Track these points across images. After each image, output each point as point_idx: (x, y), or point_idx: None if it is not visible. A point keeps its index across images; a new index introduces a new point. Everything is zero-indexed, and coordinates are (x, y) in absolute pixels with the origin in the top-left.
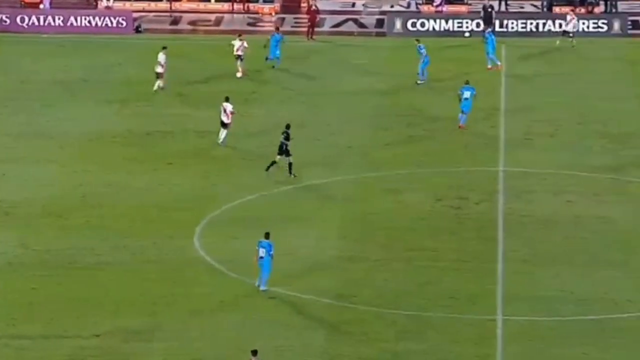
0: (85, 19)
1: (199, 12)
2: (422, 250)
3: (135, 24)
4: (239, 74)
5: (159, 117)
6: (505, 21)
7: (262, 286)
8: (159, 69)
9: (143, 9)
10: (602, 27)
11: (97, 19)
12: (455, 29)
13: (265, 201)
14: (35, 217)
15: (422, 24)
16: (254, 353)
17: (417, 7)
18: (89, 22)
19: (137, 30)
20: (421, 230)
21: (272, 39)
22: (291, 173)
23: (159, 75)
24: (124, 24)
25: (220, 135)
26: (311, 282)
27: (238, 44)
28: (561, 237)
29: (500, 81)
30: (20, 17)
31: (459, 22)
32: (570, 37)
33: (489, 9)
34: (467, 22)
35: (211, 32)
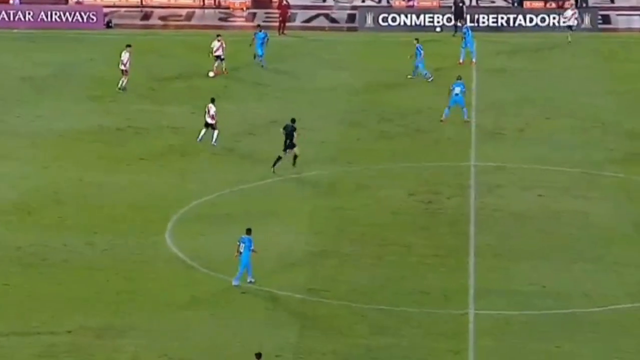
0: (55, 14)
1: (170, 7)
2: (394, 245)
3: (106, 19)
4: (211, 74)
5: (130, 113)
6: (476, 16)
7: (235, 281)
8: (122, 67)
9: (114, 4)
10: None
11: (67, 14)
12: (427, 23)
13: (237, 197)
14: (5, 214)
15: (394, 19)
16: (258, 356)
17: (388, 1)
18: (60, 17)
19: (108, 25)
20: (394, 225)
21: (256, 37)
22: (294, 165)
23: (124, 73)
24: (95, 19)
25: (200, 134)
26: (283, 278)
27: (217, 44)
28: (533, 231)
29: (471, 76)
30: None
31: (430, 17)
32: (571, 32)
33: (460, 4)
34: (438, 17)
35: (182, 27)
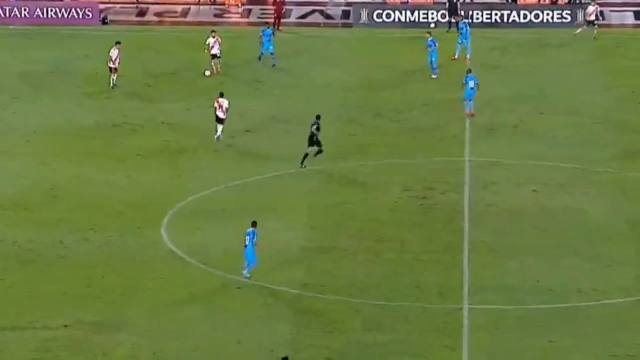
0: (51, 10)
1: (166, 3)
2: (389, 241)
3: (101, 16)
4: (207, 72)
5: (126, 109)
6: (471, 12)
7: (246, 273)
8: (111, 64)
9: (109, 1)
10: (566, 18)
11: (63, 10)
12: (421, 19)
13: (234, 193)
14: (2, 209)
15: (388, 15)
16: None
17: None
18: (56, 13)
19: (104, 21)
20: (389, 222)
21: (263, 35)
22: (302, 163)
23: (112, 71)
24: (91, 15)
25: (217, 131)
26: (280, 273)
27: (212, 40)
28: (528, 227)
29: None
30: None
31: (424, 13)
32: (594, 26)
33: (454, 0)
34: (432, 13)
35: (178, 23)
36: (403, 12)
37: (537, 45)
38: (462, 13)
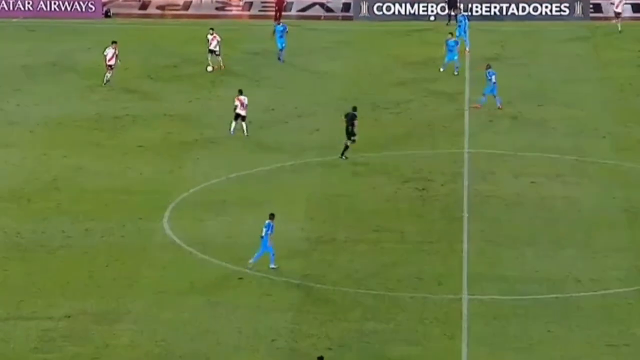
0: (54, 3)
1: None
2: (388, 232)
3: (104, 9)
4: (209, 68)
5: (127, 101)
6: (470, 5)
7: (252, 260)
8: (105, 62)
9: None
10: (564, 11)
11: (66, 3)
12: (421, 12)
13: (234, 184)
14: (5, 201)
15: (388, 8)
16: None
17: None
18: (59, 7)
19: (107, 15)
20: (387, 212)
21: (275, 31)
22: (342, 154)
23: (108, 68)
24: (93, 8)
25: (232, 128)
26: (280, 263)
27: (209, 37)
28: (525, 217)
29: (464, 64)
30: None
31: (424, 6)
32: (619, 19)
33: None
34: (432, 6)
35: (180, 16)
36: (403, 5)
37: (535, 37)
38: (461, 6)
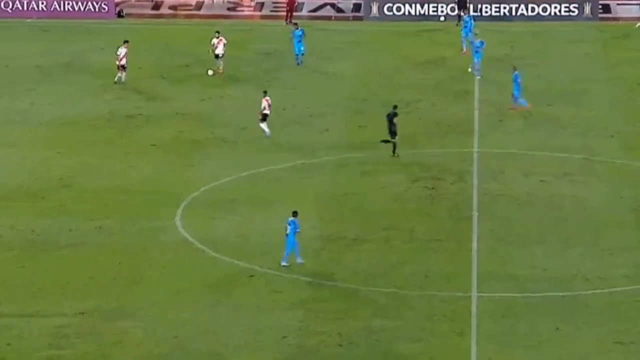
0: (68, 4)
1: None
2: (397, 230)
3: (117, 9)
4: (210, 72)
5: (140, 100)
6: (479, 5)
7: (283, 261)
8: (117, 62)
9: None
10: (573, 11)
11: (80, 4)
12: (431, 13)
13: (245, 183)
14: (19, 199)
15: (398, 9)
16: None
17: None
18: (72, 7)
19: (120, 15)
20: (398, 211)
21: (294, 36)
22: (394, 153)
23: (120, 68)
24: (106, 8)
25: (265, 129)
26: (289, 261)
27: (215, 41)
28: (535, 216)
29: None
30: (5, 2)
31: (434, 7)
32: None
33: None
34: (442, 7)
35: (192, 16)
36: (413, 5)
37: (545, 38)
38: (471, 7)
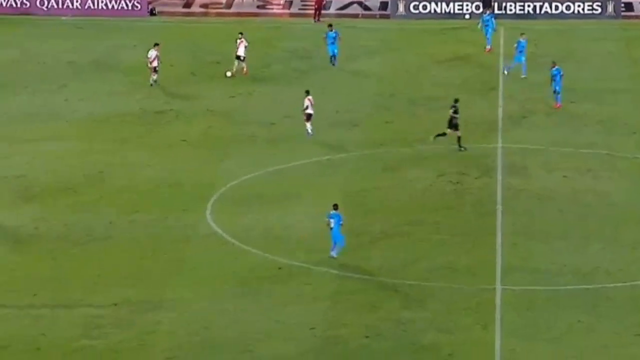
0: (102, 2)
1: None
2: (423, 224)
3: (149, 7)
4: (228, 73)
5: (171, 97)
6: (504, 3)
7: (334, 253)
8: (149, 64)
9: None
10: (596, 10)
11: (113, 2)
12: (456, 11)
13: (273, 177)
14: (52, 193)
15: (424, 7)
16: None
17: None
18: (106, 5)
19: (152, 13)
20: (423, 205)
21: (327, 37)
22: (460, 146)
23: (151, 70)
24: (139, 7)
25: (308, 129)
26: (317, 255)
27: (238, 42)
28: (557, 210)
29: (498, 62)
30: (40, 1)
31: (459, 5)
32: None
33: None
34: (467, 5)
35: (222, 14)
36: (439, 3)
37: (568, 36)
38: (495, 5)
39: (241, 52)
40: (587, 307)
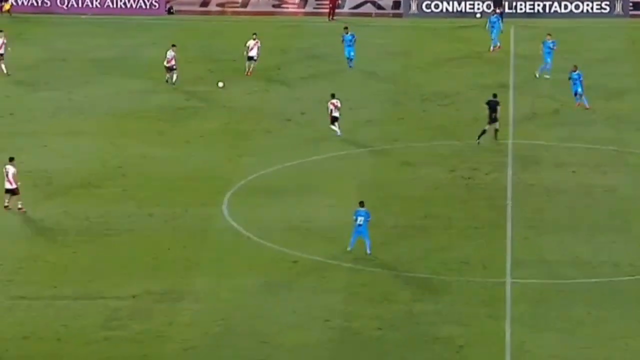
0: (120, 1)
1: None
2: (436, 218)
3: (167, 6)
4: (220, 84)
5: (189, 93)
6: (514, 2)
7: (369, 250)
8: (166, 64)
9: None
10: (604, 9)
11: (132, 1)
12: (467, 10)
13: (289, 172)
14: (74, 187)
15: (436, 6)
16: None
17: None
18: (125, 4)
19: (170, 11)
20: (435, 200)
21: (344, 40)
22: (496, 138)
23: (170, 69)
24: (157, 5)
25: (335, 129)
26: (332, 248)
27: (252, 43)
28: (566, 205)
29: (509, 60)
30: (61, 0)
31: (470, 4)
32: None
33: None
34: (478, 4)
35: (238, 13)
36: (450, 2)
37: (577, 34)
38: (506, 4)
39: (254, 54)
40: (597, 299)
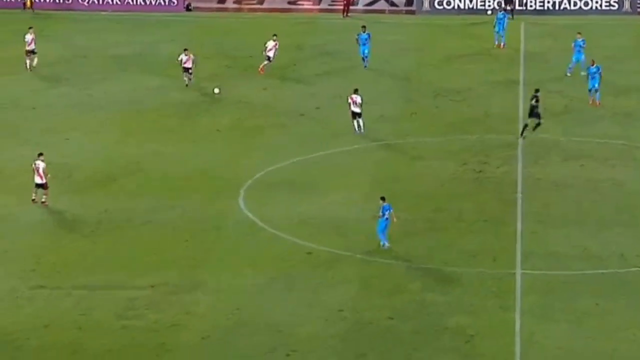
0: None
1: None
2: (446, 211)
3: (185, 3)
4: (216, 90)
5: (205, 89)
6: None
7: (386, 243)
8: (182, 65)
9: None
10: (613, 6)
11: None
12: (478, 7)
13: (304, 166)
14: (94, 181)
15: (448, 3)
16: None
17: None
18: (144, 1)
19: (188, 8)
20: (446, 193)
21: (360, 38)
22: (524, 132)
23: (186, 70)
24: (175, 2)
25: (355, 126)
26: (344, 240)
27: (271, 44)
28: (574, 198)
29: (519, 57)
30: None
31: (481, 1)
32: None
33: None
34: (489, 1)
35: (255, 10)
36: (462, 0)
37: (586, 31)
38: (517, 0)
39: (271, 54)
40: (604, 291)
